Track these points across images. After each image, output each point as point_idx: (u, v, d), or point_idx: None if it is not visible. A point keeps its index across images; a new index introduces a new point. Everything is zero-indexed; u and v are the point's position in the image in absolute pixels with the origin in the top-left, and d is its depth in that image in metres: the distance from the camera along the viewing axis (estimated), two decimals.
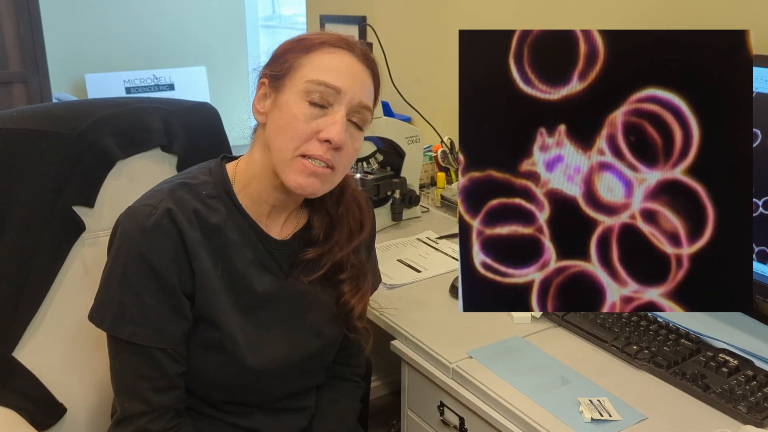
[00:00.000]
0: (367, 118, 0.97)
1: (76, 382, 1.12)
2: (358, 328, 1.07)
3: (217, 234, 0.95)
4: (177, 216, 0.91)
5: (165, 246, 0.90)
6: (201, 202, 0.95)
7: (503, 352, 1.10)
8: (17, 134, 1.04)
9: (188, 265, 0.92)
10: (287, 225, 1.03)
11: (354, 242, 1.05)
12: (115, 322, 0.90)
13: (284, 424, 1.07)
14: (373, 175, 1.71)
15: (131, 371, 0.92)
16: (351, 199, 1.07)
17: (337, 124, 0.91)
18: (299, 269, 1.02)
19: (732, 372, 1.02)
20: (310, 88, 0.91)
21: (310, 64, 0.93)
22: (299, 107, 0.91)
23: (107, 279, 0.92)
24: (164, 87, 3.97)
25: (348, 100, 0.92)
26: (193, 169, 1.02)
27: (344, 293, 1.04)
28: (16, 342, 1.05)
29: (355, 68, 0.94)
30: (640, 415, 0.94)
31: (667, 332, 1.12)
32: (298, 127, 0.91)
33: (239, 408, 1.03)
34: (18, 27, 2.77)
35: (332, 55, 0.94)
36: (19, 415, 1.03)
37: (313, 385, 1.11)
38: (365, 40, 2.26)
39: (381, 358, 1.67)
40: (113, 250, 0.92)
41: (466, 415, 1.06)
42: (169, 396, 0.94)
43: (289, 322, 1.02)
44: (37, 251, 1.05)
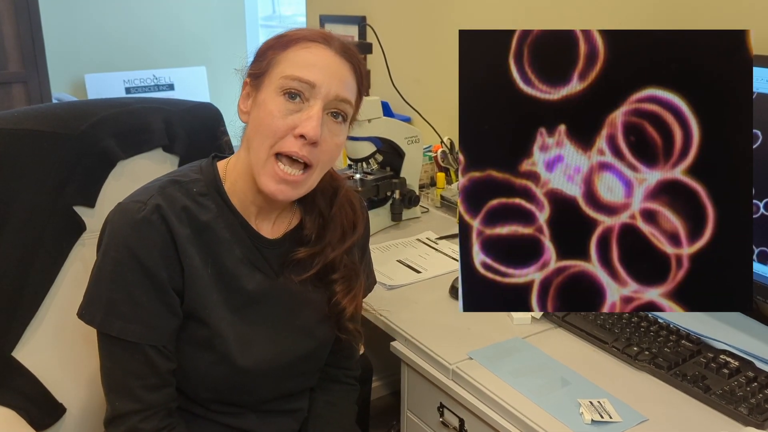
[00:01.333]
0: (348, 112, 0.95)
1: (75, 382, 1.12)
2: (349, 329, 1.07)
3: (207, 231, 0.95)
4: (166, 212, 0.91)
5: (154, 241, 0.90)
6: (191, 200, 0.95)
7: (503, 353, 1.10)
8: (18, 134, 1.04)
9: (177, 262, 0.92)
10: (279, 224, 1.03)
11: (346, 243, 1.05)
12: (105, 319, 0.90)
13: (276, 426, 1.06)
14: (372, 175, 1.71)
15: (122, 369, 0.92)
16: (344, 200, 1.07)
17: (312, 119, 0.90)
18: (290, 269, 1.02)
19: (733, 373, 1.02)
20: (285, 84, 0.91)
21: (286, 60, 0.93)
22: (275, 104, 0.91)
23: (96, 275, 0.91)
24: (164, 87, 3.97)
25: (324, 95, 0.91)
26: (184, 168, 1.02)
27: (336, 293, 1.04)
28: (16, 342, 1.05)
29: (332, 61, 0.93)
30: (641, 417, 0.94)
31: (668, 333, 1.12)
32: (273, 124, 0.91)
33: (230, 408, 1.02)
34: (17, 27, 2.77)
35: (308, 49, 0.93)
36: (18, 415, 1.03)
37: (305, 386, 1.11)
38: (365, 40, 2.26)
39: (380, 359, 1.67)
40: (102, 246, 0.91)
41: (465, 417, 1.06)
42: (161, 394, 0.93)
43: (279, 322, 1.01)
44: (38, 251, 1.05)
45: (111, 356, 0.92)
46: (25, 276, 1.04)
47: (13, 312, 1.04)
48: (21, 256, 1.04)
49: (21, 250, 1.04)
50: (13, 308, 1.04)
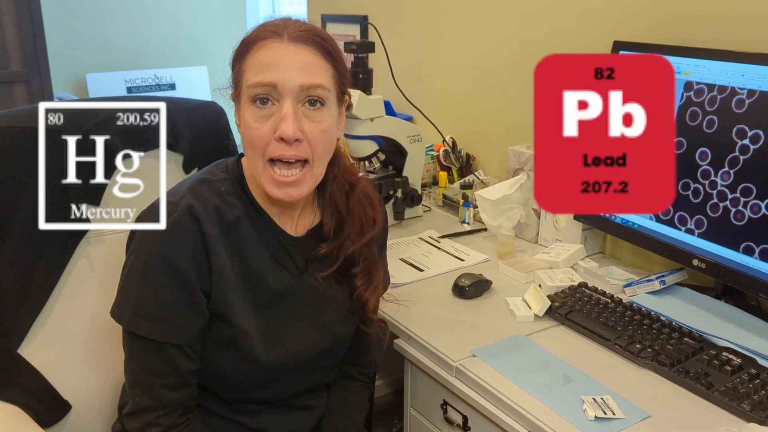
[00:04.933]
0: (324, 95, 0.93)
1: (80, 379, 1.12)
2: (374, 320, 1.08)
3: (234, 230, 0.96)
4: (198, 212, 0.92)
5: (186, 243, 0.91)
6: (220, 199, 0.95)
7: (506, 350, 1.10)
8: (24, 132, 1.05)
9: (207, 262, 0.93)
10: (301, 222, 1.04)
11: (365, 236, 1.06)
12: (133, 318, 0.91)
13: (295, 423, 1.07)
14: (375, 174, 1.71)
15: (144, 367, 0.93)
16: (362, 195, 1.07)
17: (285, 119, 0.90)
18: (314, 266, 1.03)
19: (735, 370, 1.02)
20: (251, 92, 0.91)
21: (249, 68, 0.93)
22: (249, 114, 0.92)
23: (127, 276, 0.92)
24: (165, 87, 3.97)
25: (288, 90, 0.90)
26: (211, 166, 1.03)
27: (357, 287, 1.05)
28: (22, 339, 1.06)
29: (286, 52, 0.92)
30: (644, 413, 0.95)
31: (671, 331, 1.13)
32: (254, 134, 0.91)
33: (250, 406, 1.03)
34: (19, 26, 2.78)
35: (263, 50, 0.92)
36: (24, 412, 1.04)
37: (324, 383, 1.12)
38: (367, 39, 2.26)
39: (384, 357, 1.68)
40: (133, 246, 0.92)
41: (469, 414, 1.07)
42: (181, 393, 0.94)
43: (302, 319, 1.02)
44: (43, 249, 1.06)
45: (135, 354, 0.93)
46: (31, 273, 1.05)
47: (18, 309, 1.05)
48: (26, 253, 1.04)
49: (26, 247, 1.04)
50: (19, 305, 1.05)
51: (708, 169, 1.20)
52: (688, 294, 1.28)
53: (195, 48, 4.18)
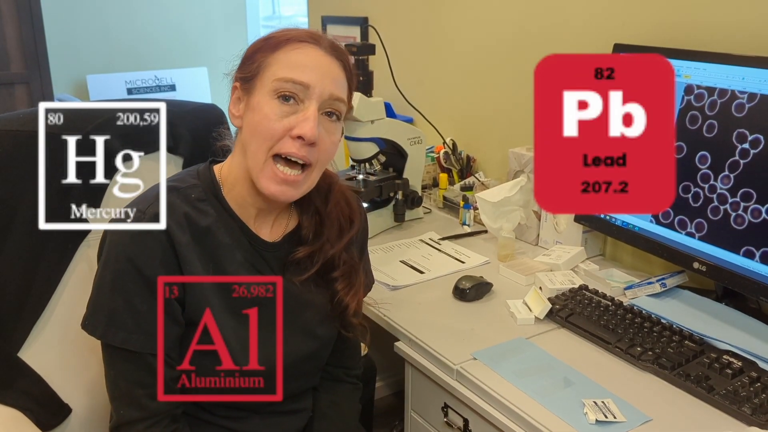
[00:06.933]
0: (342, 110, 0.96)
1: (81, 382, 1.12)
2: (354, 324, 1.07)
3: (207, 237, 0.95)
4: (167, 220, 0.91)
5: (154, 250, 0.90)
6: (190, 206, 0.95)
7: (507, 353, 1.10)
8: (24, 136, 1.05)
9: (178, 270, 0.92)
10: (276, 227, 1.04)
11: (344, 238, 1.05)
12: (108, 329, 0.90)
13: (281, 427, 1.07)
14: (375, 176, 1.71)
15: (126, 378, 0.92)
16: (339, 195, 1.07)
17: (309, 120, 0.91)
18: (291, 270, 1.02)
19: (736, 373, 1.02)
20: (279, 86, 0.91)
21: (277, 63, 0.93)
22: (270, 107, 0.92)
23: (98, 286, 0.92)
24: (166, 88, 3.97)
25: (318, 95, 0.92)
26: (181, 173, 1.02)
27: (338, 291, 1.04)
28: (22, 342, 1.05)
29: (323, 61, 0.94)
30: (645, 417, 0.95)
31: (671, 334, 1.13)
32: (270, 127, 0.91)
33: (235, 412, 1.02)
34: (20, 28, 2.78)
35: (299, 50, 0.93)
36: (24, 416, 1.03)
37: (308, 386, 1.11)
38: (367, 41, 2.26)
39: (384, 359, 1.68)
40: (103, 256, 0.92)
41: (470, 417, 1.06)
42: (165, 402, 0.93)
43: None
44: (43, 252, 1.05)
45: (114, 366, 0.93)
46: (31, 277, 1.05)
47: (19, 313, 1.05)
48: (27, 256, 1.04)
49: (27, 250, 1.04)
50: (19, 309, 1.05)
51: (708, 173, 1.20)
52: (689, 297, 1.28)
53: (195, 49, 4.18)
